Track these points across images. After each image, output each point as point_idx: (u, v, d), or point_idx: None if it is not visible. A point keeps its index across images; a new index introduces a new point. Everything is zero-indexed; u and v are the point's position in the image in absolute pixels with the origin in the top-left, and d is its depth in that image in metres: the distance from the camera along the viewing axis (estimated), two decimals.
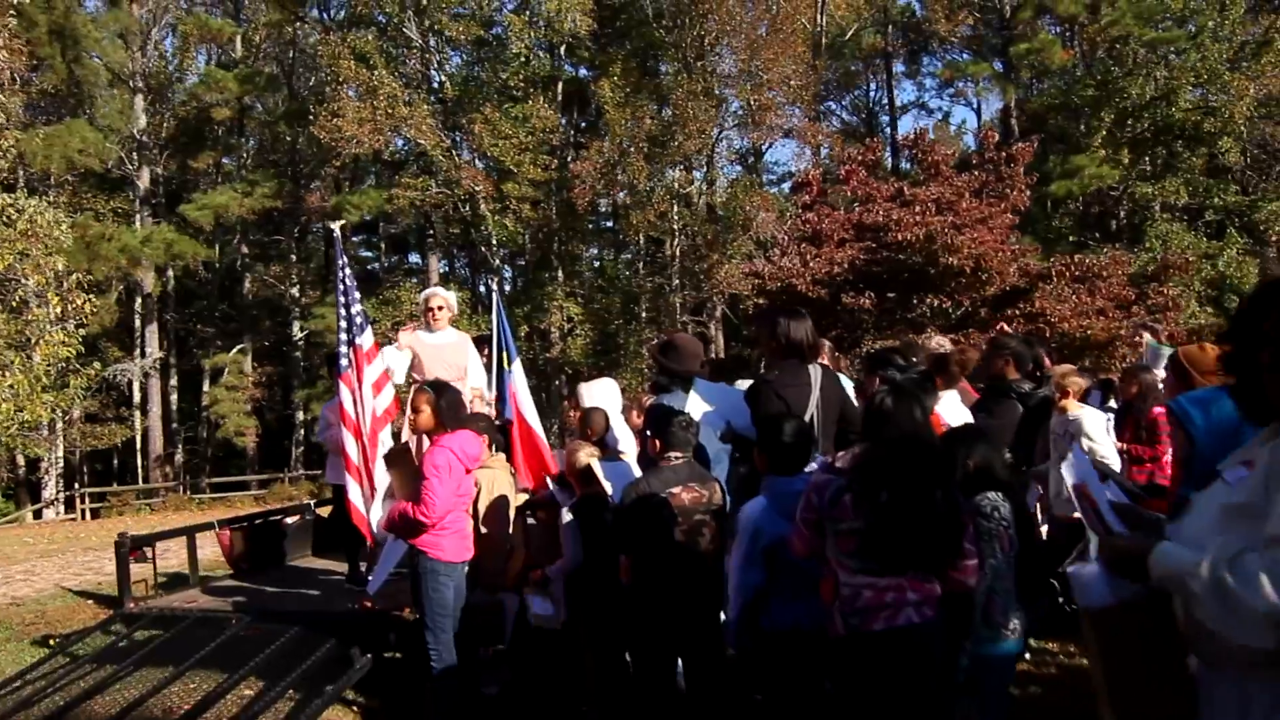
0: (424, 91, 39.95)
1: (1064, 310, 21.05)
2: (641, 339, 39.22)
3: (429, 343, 9.28)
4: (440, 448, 6.39)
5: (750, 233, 36.35)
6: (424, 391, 6.73)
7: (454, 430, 6.53)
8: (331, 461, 9.64)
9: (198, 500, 37.17)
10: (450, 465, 6.34)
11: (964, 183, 23.24)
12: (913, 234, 21.44)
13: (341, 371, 8.37)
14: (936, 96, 50.08)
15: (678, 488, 5.81)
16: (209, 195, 41.10)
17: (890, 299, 22.58)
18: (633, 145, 36.35)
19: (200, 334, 45.94)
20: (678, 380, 6.75)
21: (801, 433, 5.30)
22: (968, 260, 21.52)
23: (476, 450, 6.69)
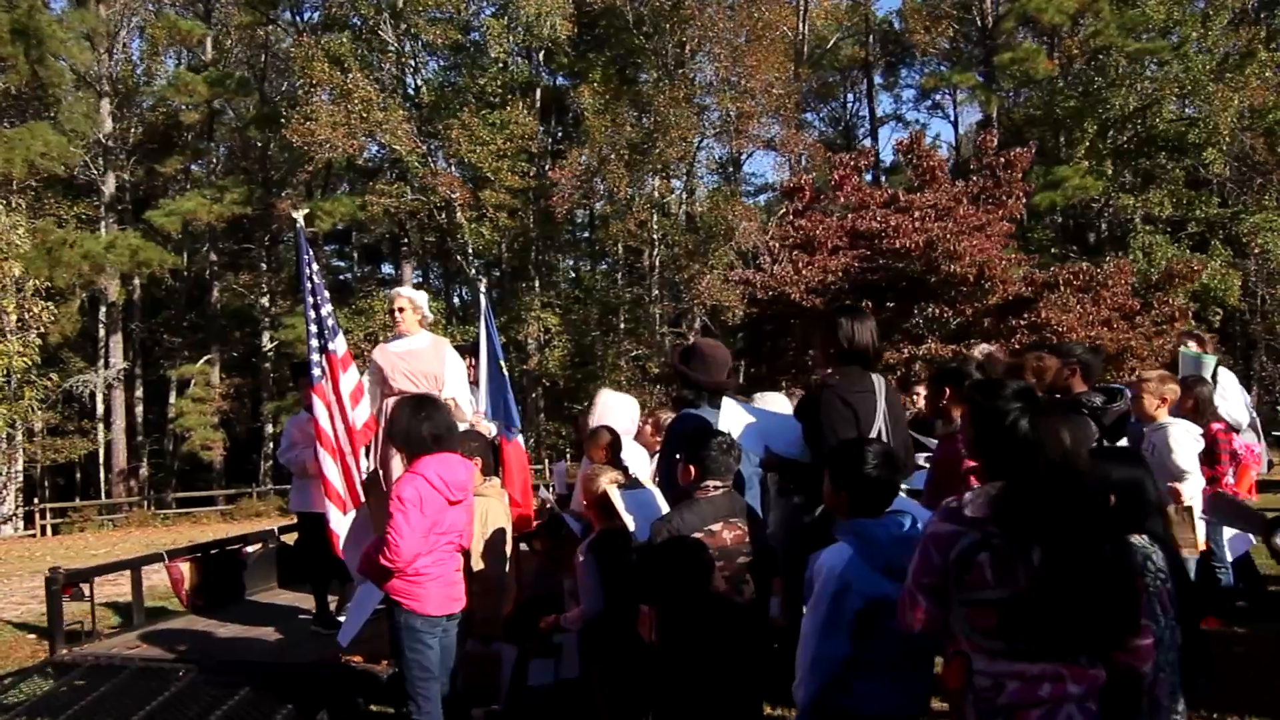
0: (399, 97, 38.73)
1: (1070, 320, 20.05)
2: (620, 350, 38.21)
3: (393, 351, 7.92)
4: (412, 475, 5.18)
5: (732, 242, 35.33)
6: (401, 408, 5.57)
7: (434, 453, 5.33)
8: (297, 486, 8.47)
9: (163, 516, 35.75)
10: (422, 497, 5.11)
11: (962, 189, 22.27)
12: (912, 241, 20.39)
13: (314, 383, 7.10)
14: (914, 109, 49.49)
15: (717, 524, 4.73)
16: (177, 201, 39.54)
17: (889, 308, 21.54)
18: (613, 152, 35.34)
19: (167, 344, 44.46)
20: (704, 394, 5.68)
21: (889, 462, 4.12)
22: (970, 268, 20.51)
23: (462, 477, 5.42)
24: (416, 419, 5.29)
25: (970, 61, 40.02)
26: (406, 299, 8.13)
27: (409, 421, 5.29)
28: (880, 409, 5.19)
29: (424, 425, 5.27)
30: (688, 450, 4.93)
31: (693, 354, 5.85)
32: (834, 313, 5.57)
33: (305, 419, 8.18)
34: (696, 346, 5.94)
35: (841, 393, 5.12)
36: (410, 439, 5.29)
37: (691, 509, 4.77)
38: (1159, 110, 34.33)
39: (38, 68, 36.47)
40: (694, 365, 5.76)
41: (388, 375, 7.68)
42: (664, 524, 4.77)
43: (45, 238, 35.20)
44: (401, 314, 7.95)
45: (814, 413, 5.25)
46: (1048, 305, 20.54)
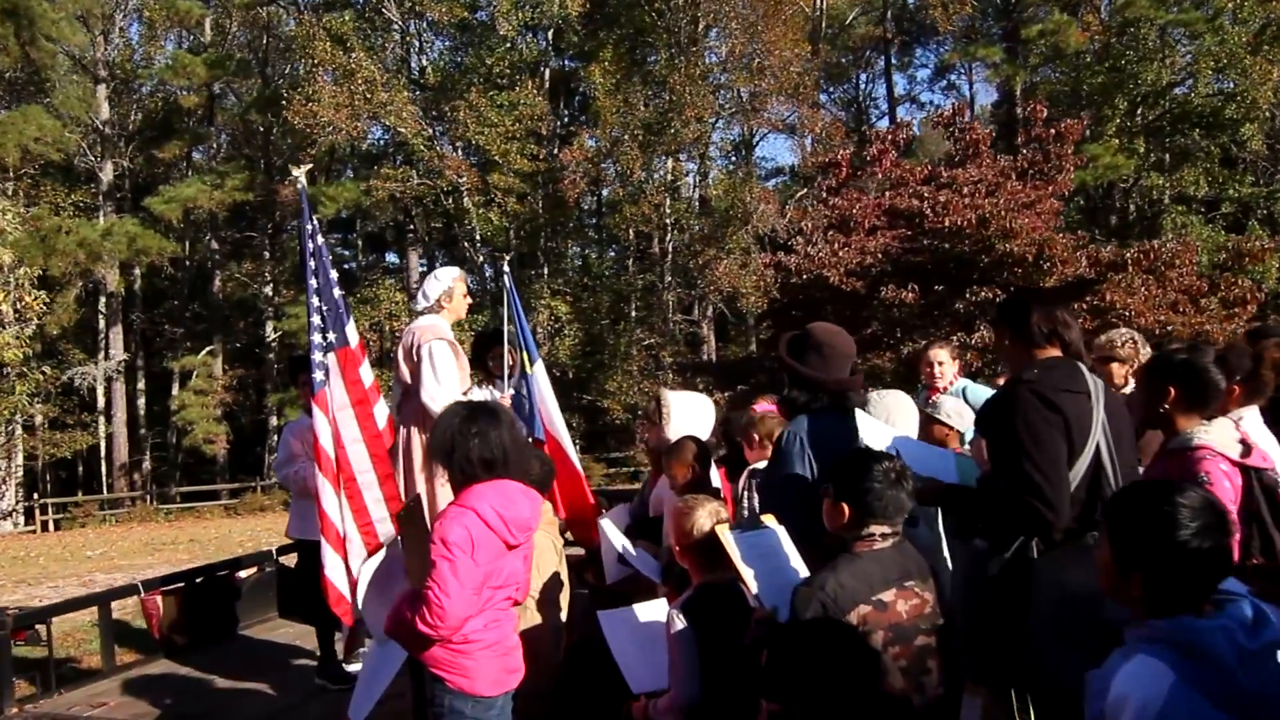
0: (404, 78, 37.31)
1: (1136, 303, 18.45)
2: (632, 339, 36.81)
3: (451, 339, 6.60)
4: (461, 510, 3.74)
5: (749, 226, 33.88)
6: (447, 419, 4.10)
7: (489, 478, 3.86)
8: (297, 508, 7.07)
9: (165, 511, 34.58)
10: (475, 541, 3.69)
11: (1009, 163, 20.68)
12: (963, 218, 18.77)
13: (315, 389, 5.41)
14: (928, 89, 47.70)
15: (888, 591, 3.34)
16: (176, 188, 37.94)
17: (938, 291, 19.95)
18: (626, 134, 33.88)
19: (168, 335, 42.94)
20: (821, 396, 4.32)
21: (1215, 524, 2.56)
22: (1028, 247, 18.92)
23: (525, 513, 3.91)
24: (466, 435, 3.87)
25: (991, 38, 38.48)
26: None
27: (455, 438, 3.87)
28: (1099, 417, 3.70)
29: (474, 444, 3.85)
30: (840, 481, 3.47)
31: (806, 343, 4.46)
32: (1018, 294, 4.06)
33: (307, 425, 6.73)
34: (810, 334, 4.52)
35: (1044, 390, 3.64)
36: (457, 462, 3.88)
37: (851, 569, 3.34)
38: (1194, 85, 32.75)
39: (29, 49, 34.92)
40: (809, 358, 4.39)
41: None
42: (814, 591, 3.30)
43: (40, 225, 33.90)
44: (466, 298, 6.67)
45: (1002, 420, 3.77)
46: (1112, 287, 18.91)
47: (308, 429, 6.62)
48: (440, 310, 6.52)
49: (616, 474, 34.49)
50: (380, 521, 5.37)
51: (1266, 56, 31.34)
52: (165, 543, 24.19)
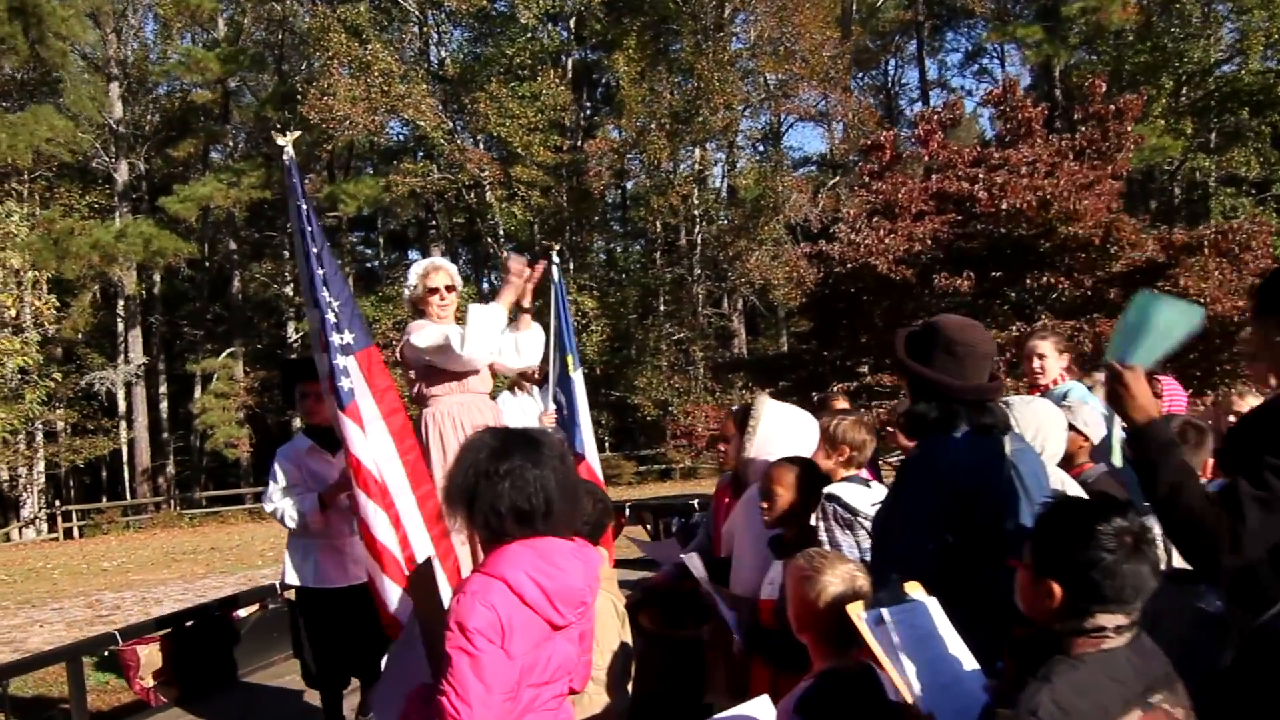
0: (422, 69, 35.90)
1: (1211, 289, 17.12)
2: (661, 334, 35.70)
3: None
4: (486, 582, 2.68)
5: (781, 216, 32.72)
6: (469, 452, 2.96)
7: (526, 535, 2.77)
8: (297, 548, 5.62)
9: (189, 517, 33.61)
10: (506, 628, 2.63)
11: (1066, 143, 19.32)
12: (1021, 200, 17.42)
13: (344, 400, 4.57)
14: (959, 74, 46.04)
15: (1132, 715, 2.24)
16: (192, 187, 36.33)
17: (995, 278, 18.61)
18: (652, 122, 32.63)
19: (188, 337, 41.90)
20: (961, 409, 3.25)
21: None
22: (1095, 230, 17.54)
23: (578, 582, 2.80)
24: (494, 476, 2.75)
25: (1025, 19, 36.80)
26: (451, 273, 5.55)
27: (480, 481, 2.76)
28: None
29: (505, 489, 2.73)
30: (1045, 548, 2.37)
31: (933, 341, 3.36)
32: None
33: (303, 449, 5.64)
34: (938, 329, 3.40)
35: None
36: (482, 513, 2.76)
37: (1072, 680, 2.24)
38: (1243, 63, 30.93)
39: (38, 48, 33.85)
40: (937, 360, 3.30)
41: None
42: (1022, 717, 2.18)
43: (52, 228, 32.97)
44: (449, 295, 5.45)
45: (1259, 443, 2.62)
46: (1186, 272, 17.59)
47: (308, 454, 5.56)
48: (421, 314, 5.49)
49: (647, 472, 33.37)
50: (423, 549, 4.63)
51: None
52: (185, 552, 23.26)
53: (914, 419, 3.39)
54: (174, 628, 7.08)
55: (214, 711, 6.66)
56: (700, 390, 34.09)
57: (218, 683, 7.10)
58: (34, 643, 11.81)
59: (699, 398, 33.43)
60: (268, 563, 17.92)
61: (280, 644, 7.57)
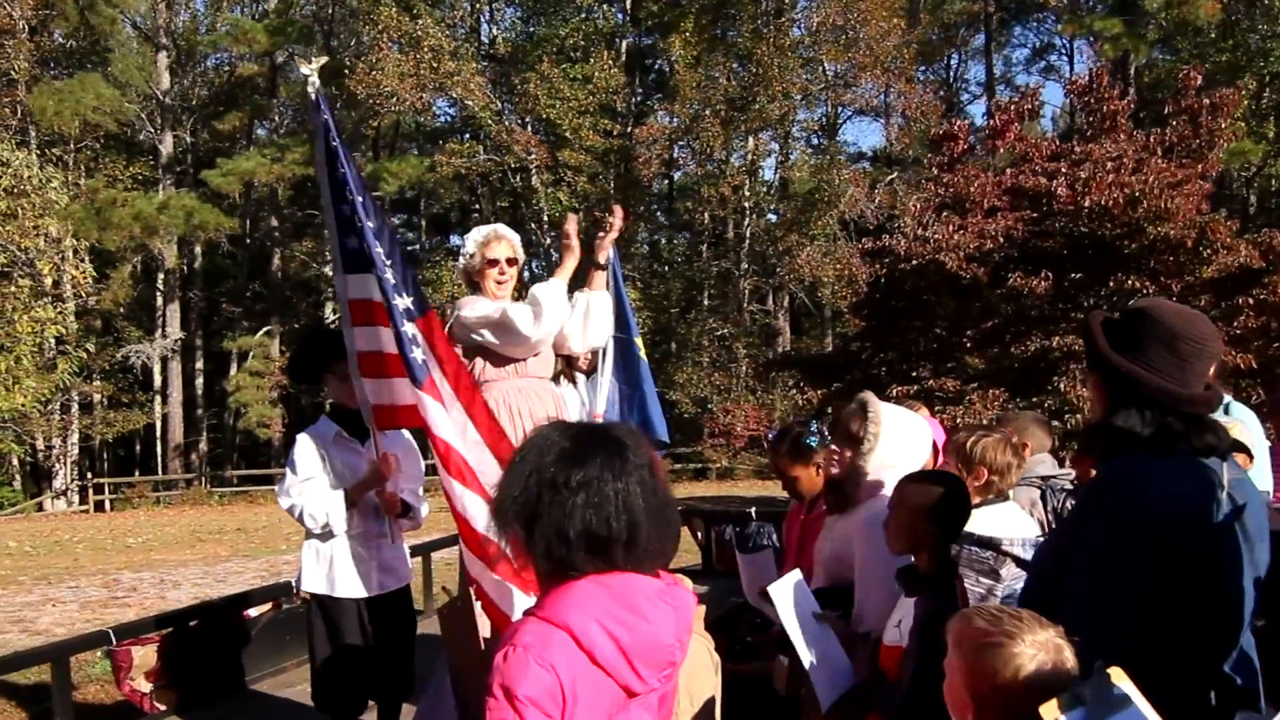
0: (473, 47, 34.92)
1: None
2: (704, 329, 34.77)
3: None
4: (545, 633, 1.99)
5: (836, 210, 31.73)
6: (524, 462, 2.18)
7: (601, 570, 2.05)
8: (315, 553, 4.73)
9: (218, 495, 32.93)
10: (570, 690, 1.94)
11: (1155, 137, 18.08)
12: (1107, 197, 16.22)
13: (420, 377, 3.91)
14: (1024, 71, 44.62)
15: None
16: (235, 161, 35.17)
17: (1075, 279, 17.43)
18: (708, 109, 31.66)
19: (226, 314, 41.37)
20: (1177, 423, 2.52)
21: None
22: (1187, 232, 16.36)
23: (666, 632, 2.10)
24: (560, 491, 2.05)
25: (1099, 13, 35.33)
26: (514, 243, 4.73)
27: (543, 493, 2.07)
28: None
29: (578, 506, 2.04)
30: None
31: (1149, 331, 2.56)
32: None
33: (329, 436, 4.76)
34: (1153, 317, 2.59)
35: None
36: (544, 538, 2.08)
37: None
38: None
39: (88, 14, 33.49)
40: (1154, 357, 2.52)
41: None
42: None
43: (95, 197, 32.49)
44: (510, 268, 4.65)
45: None
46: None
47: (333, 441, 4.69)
48: (475, 289, 4.72)
49: (682, 470, 32.32)
50: None
51: None
52: (211, 531, 22.68)
53: (1114, 435, 2.55)
54: (176, 627, 6.32)
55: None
56: (741, 389, 33.14)
57: (221, 689, 6.28)
58: (44, 623, 11.36)
59: (740, 396, 32.50)
60: (293, 547, 17.14)
61: (294, 648, 6.77)
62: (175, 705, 6.14)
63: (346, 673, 4.67)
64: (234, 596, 7.15)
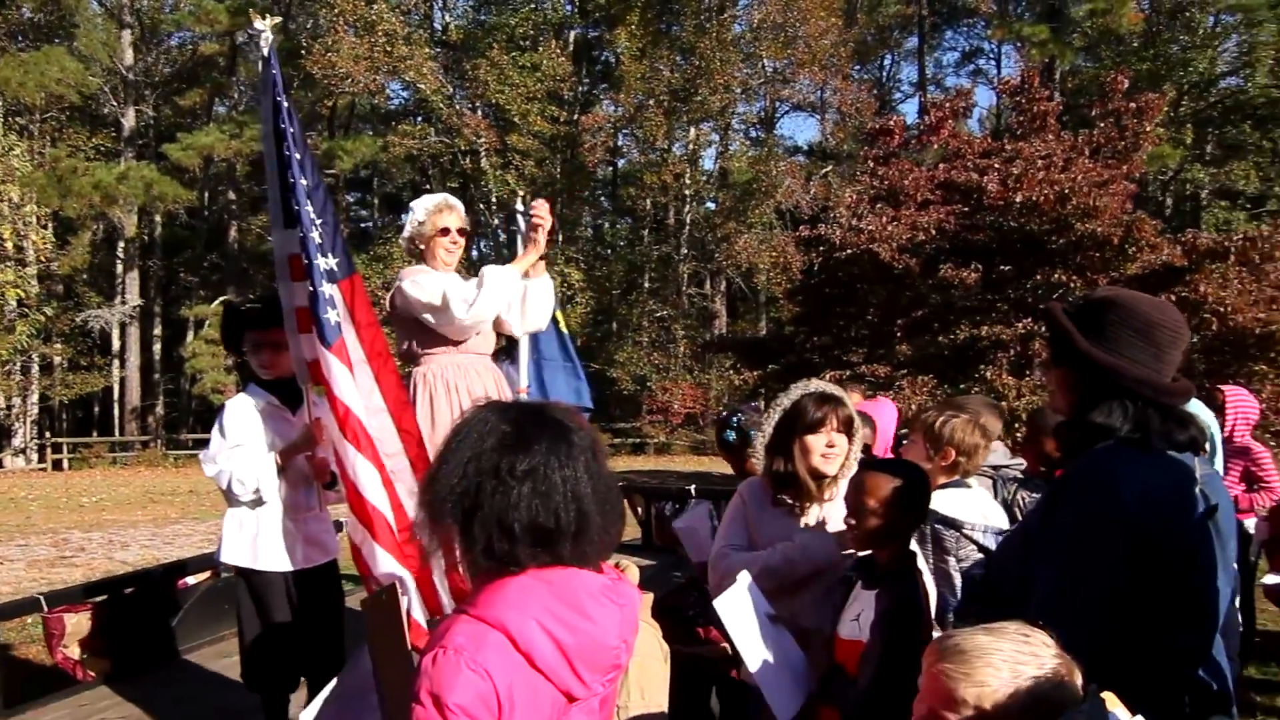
0: (426, 33, 34.27)
1: (1231, 298, 15.65)
2: (644, 310, 34.52)
3: None
4: (479, 634, 1.72)
5: (773, 200, 31.55)
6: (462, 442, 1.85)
7: (544, 564, 1.79)
8: (236, 522, 4.31)
9: (174, 457, 32.24)
10: (507, 698, 1.67)
11: (1084, 138, 17.89)
12: (1039, 194, 16.02)
13: (330, 337, 3.72)
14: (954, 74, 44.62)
15: None
16: (194, 135, 34.63)
17: (1004, 272, 17.20)
18: (651, 99, 31.31)
19: (184, 283, 40.50)
20: (1154, 413, 2.32)
21: None
22: (1114, 228, 16.19)
23: (610, 633, 1.85)
24: (504, 480, 1.77)
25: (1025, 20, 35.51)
26: (462, 214, 4.59)
27: (485, 481, 1.78)
28: None
29: (523, 495, 1.77)
30: None
31: (1123, 320, 2.38)
32: None
33: (260, 405, 4.28)
34: (1125, 305, 2.40)
35: None
36: (484, 529, 1.78)
37: None
38: (1250, 76, 29.18)
39: None
40: (1127, 347, 2.34)
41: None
42: None
43: (55, 165, 31.60)
44: (460, 239, 4.53)
45: None
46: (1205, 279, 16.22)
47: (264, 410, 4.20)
48: (420, 256, 4.54)
49: (621, 445, 32.10)
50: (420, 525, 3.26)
51: None
52: (164, 492, 22.31)
53: (1092, 430, 2.34)
54: (110, 594, 5.89)
55: (146, 691, 5.47)
56: (679, 369, 33.07)
57: (155, 658, 5.80)
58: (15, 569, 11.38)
59: (678, 376, 32.46)
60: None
61: (231, 617, 6.18)
62: (107, 674, 5.69)
63: (275, 649, 4.31)
64: (171, 564, 6.65)
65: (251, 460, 4.16)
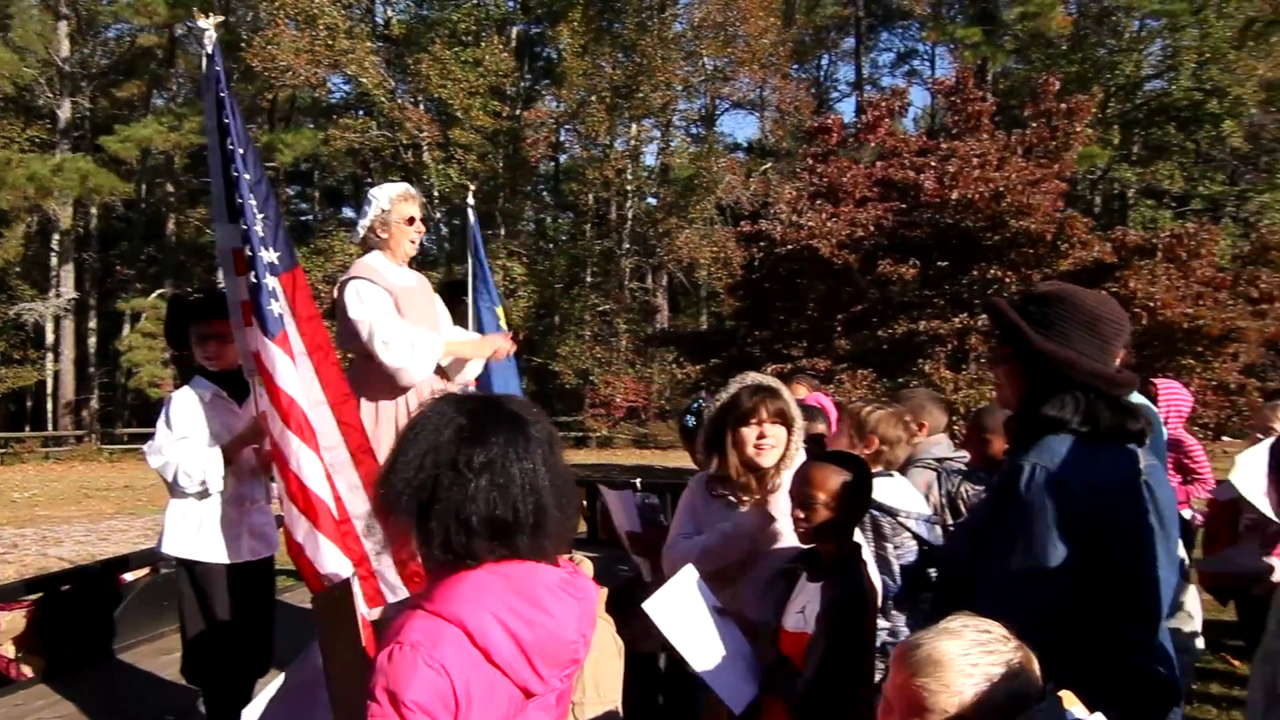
0: (368, 27, 33.95)
1: (1159, 293, 16.06)
2: (587, 304, 34.49)
3: (401, 285, 4.33)
4: (437, 630, 1.70)
5: (714, 196, 31.70)
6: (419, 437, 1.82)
7: (501, 558, 1.77)
8: (178, 513, 4.21)
9: (108, 451, 31.59)
10: (465, 694, 1.65)
11: (1017, 137, 18.25)
12: (974, 191, 16.32)
13: (274, 329, 3.67)
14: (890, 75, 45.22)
15: None
16: (132, 128, 33.71)
17: (941, 267, 17.49)
18: (592, 95, 31.26)
19: (120, 276, 39.65)
20: (1102, 409, 2.34)
21: None
22: (1046, 225, 16.51)
23: (568, 627, 1.84)
24: (461, 473, 1.75)
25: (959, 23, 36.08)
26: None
27: (443, 474, 1.77)
28: None
29: (481, 489, 1.75)
30: None
31: (1068, 313, 2.40)
32: None
33: (205, 396, 4.21)
34: (1071, 299, 2.43)
35: None
36: (442, 524, 1.76)
37: None
38: (1174, 79, 29.91)
39: None
40: (1075, 340, 2.36)
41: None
42: None
43: None
44: (422, 226, 4.56)
45: None
46: (1134, 275, 16.63)
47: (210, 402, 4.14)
48: (377, 245, 4.40)
49: (564, 438, 32.01)
50: (360, 518, 3.74)
51: (1251, 52, 28.47)
52: (99, 488, 21.88)
53: (1043, 423, 2.35)
54: (46, 591, 5.66)
55: (84, 689, 5.19)
56: (621, 362, 33.07)
57: (92, 656, 5.63)
58: None
59: (620, 369, 32.45)
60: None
61: (171, 614, 6.02)
62: (43, 672, 5.45)
63: (218, 642, 4.18)
64: (110, 560, 6.48)
65: (198, 452, 4.09)
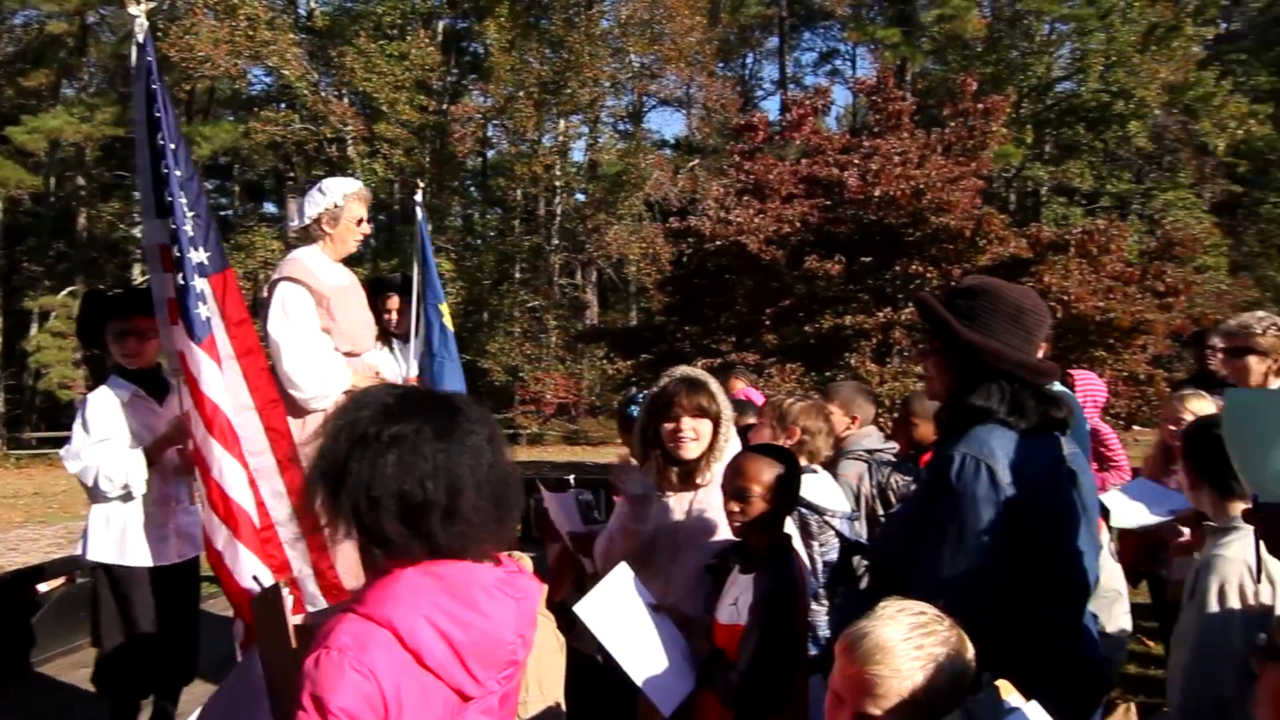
0: (290, 19, 33.24)
1: (1072, 287, 16.45)
2: (516, 300, 34.31)
3: (335, 285, 4.26)
4: (366, 632, 1.66)
5: (642, 192, 31.74)
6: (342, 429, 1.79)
7: (433, 557, 1.74)
8: (100, 518, 4.09)
9: (15, 457, 30.30)
10: (394, 699, 1.62)
11: (937, 136, 18.67)
12: (896, 189, 16.65)
13: (200, 333, 3.59)
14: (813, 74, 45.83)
15: None
16: (41, 118, 32.67)
17: (865, 263, 17.80)
18: (520, 91, 31.08)
19: (28, 273, 38.44)
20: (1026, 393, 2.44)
21: None
22: (965, 222, 16.85)
23: (506, 628, 1.81)
24: (370, 445, 1.73)
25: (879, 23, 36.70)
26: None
27: (355, 448, 1.74)
28: None
29: (388, 464, 1.72)
30: None
31: (992, 306, 2.48)
32: None
33: (124, 397, 4.08)
34: (994, 292, 2.52)
35: None
36: (352, 498, 1.72)
37: None
38: (1083, 80, 30.85)
39: None
40: (1000, 332, 2.43)
41: (339, 322, 4.31)
42: None
43: None
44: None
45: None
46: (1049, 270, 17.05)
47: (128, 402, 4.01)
48: (319, 238, 4.35)
49: None
50: (284, 525, 3.74)
51: (1154, 56, 29.52)
52: (6, 495, 20.95)
53: (971, 412, 2.40)
54: None
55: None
56: (551, 359, 32.96)
57: (6, 671, 5.46)
58: None
59: (550, 366, 32.33)
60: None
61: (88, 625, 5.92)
62: None
63: (136, 651, 4.06)
64: (23, 570, 6.27)
65: (119, 455, 3.97)
